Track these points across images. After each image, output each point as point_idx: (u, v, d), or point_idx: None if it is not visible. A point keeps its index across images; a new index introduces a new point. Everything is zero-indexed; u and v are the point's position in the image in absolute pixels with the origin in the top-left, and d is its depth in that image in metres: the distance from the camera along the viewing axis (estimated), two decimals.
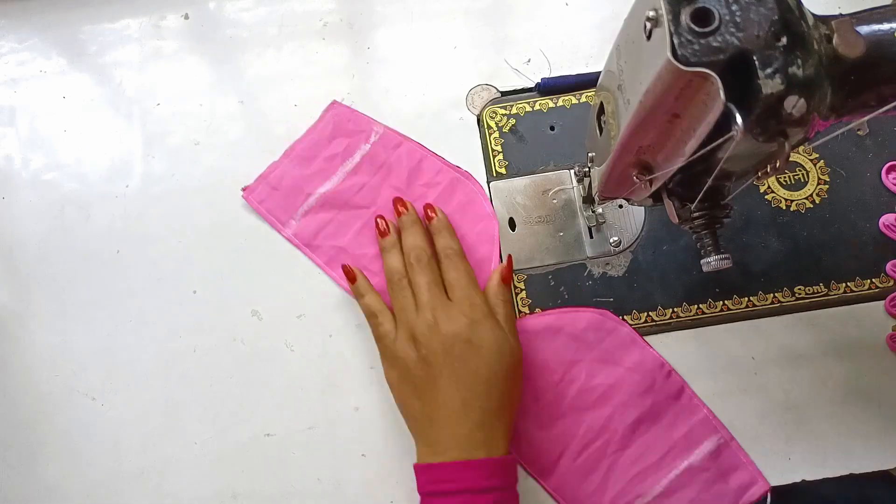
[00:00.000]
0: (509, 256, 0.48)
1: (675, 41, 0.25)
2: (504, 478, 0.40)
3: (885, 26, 0.28)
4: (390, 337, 0.44)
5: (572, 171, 0.50)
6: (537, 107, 0.52)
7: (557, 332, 0.47)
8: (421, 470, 0.40)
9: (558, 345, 0.46)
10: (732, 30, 0.25)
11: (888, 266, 0.47)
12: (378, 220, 0.48)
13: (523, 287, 0.49)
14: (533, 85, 0.53)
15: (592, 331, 0.47)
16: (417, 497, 0.40)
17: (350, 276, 0.47)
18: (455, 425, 0.40)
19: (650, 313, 0.48)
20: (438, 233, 0.47)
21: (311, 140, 0.52)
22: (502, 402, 0.41)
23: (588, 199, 0.49)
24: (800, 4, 0.27)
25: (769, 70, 0.25)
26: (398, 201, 0.48)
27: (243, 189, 0.51)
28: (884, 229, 0.48)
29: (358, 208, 0.50)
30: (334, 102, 0.52)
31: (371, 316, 0.46)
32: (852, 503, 0.49)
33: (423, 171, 0.50)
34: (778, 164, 0.28)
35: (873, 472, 0.44)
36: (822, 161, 0.50)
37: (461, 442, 0.40)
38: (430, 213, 0.47)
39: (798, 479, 0.44)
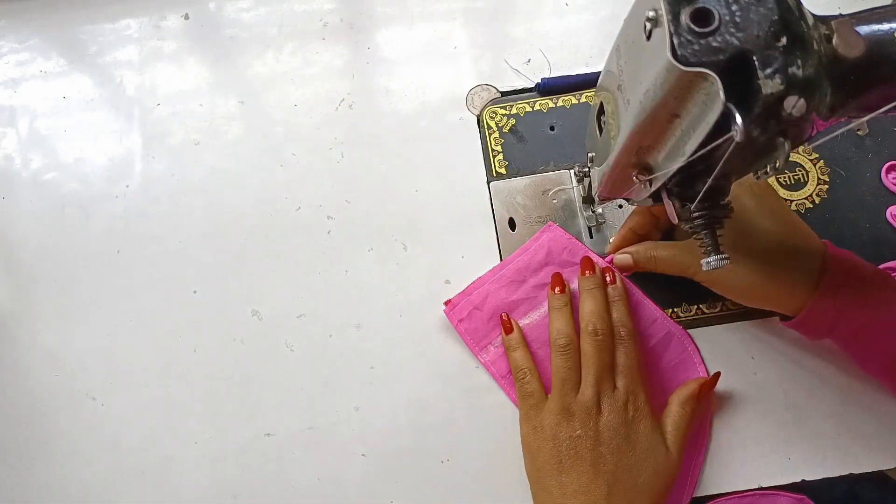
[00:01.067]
0: (716, 375, 0.45)
1: (675, 41, 0.25)
2: None
3: (885, 26, 0.28)
4: (537, 398, 0.43)
5: (572, 171, 0.50)
6: (537, 107, 0.52)
7: None
8: None
9: None
10: (732, 30, 0.25)
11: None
12: (556, 274, 0.46)
13: None
14: (533, 85, 0.53)
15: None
16: (417, 497, 0.40)
17: (507, 327, 0.46)
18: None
19: None
20: (614, 303, 0.44)
21: (522, 262, 0.48)
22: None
23: (588, 199, 0.49)
24: (800, 4, 0.27)
25: (769, 70, 0.25)
26: (587, 262, 0.46)
27: (445, 303, 0.48)
28: (891, 219, 0.48)
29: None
30: (550, 225, 0.49)
31: (519, 371, 0.44)
32: (839, 501, 0.49)
33: (638, 318, 0.47)
34: (778, 164, 0.28)
35: (868, 473, 0.44)
36: (822, 161, 0.50)
37: None
38: (609, 278, 0.45)
39: (798, 479, 0.44)
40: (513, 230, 0.50)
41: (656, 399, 0.44)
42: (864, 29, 0.28)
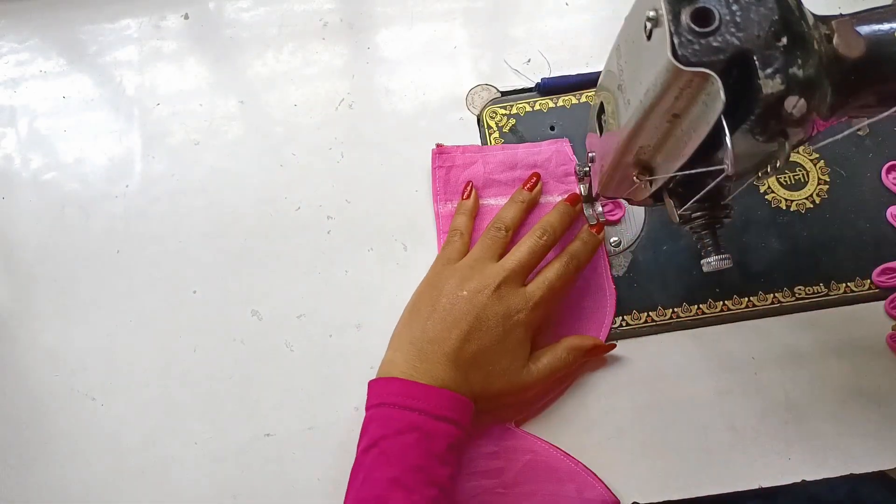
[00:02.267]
0: (612, 345, 0.46)
1: (676, 41, 0.25)
2: (461, 415, 0.39)
3: (885, 26, 0.28)
4: (454, 259, 0.45)
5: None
6: (537, 107, 0.52)
7: None
8: (383, 383, 0.40)
9: None
10: (732, 30, 0.25)
11: (874, 273, 0.47)
12: (535, 174, 0.48)
13: None
14: (533, 85, 0.53)
15: None
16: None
17: (466, 194, 0.49)
18: (440, 358, 0.40)
19: (650, 313, 0.48)
20: (580, 240, 0.46)
21: (521, 155, 0.50)
22: (491, 358, 0.41)
23: (588, 199, 0.49)
24: (800, 4, 0.27)
25: (769, 70, 0.25)
26: (574, 196, 0.47)
27: (437, 145, 0.50)
28: (891, 219, 0.48)
29: None
30: (566, 140, 0.50)
31: (454, 233, 0.47)
32: (842, 502, 0.49)
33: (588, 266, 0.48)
34: (778, 164, 0.28)
35: (869, 473, 0.44)
36: (822, 161, 0.50)
37: (437, 372, 0.40)
38: (595, 229, 0.46)
39: (798, 480, 0.44)
40: None
41: (552, 332, 0.46)
42: (864, 29, 0.28)
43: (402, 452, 0.37)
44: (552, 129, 0.52)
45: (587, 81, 0.52)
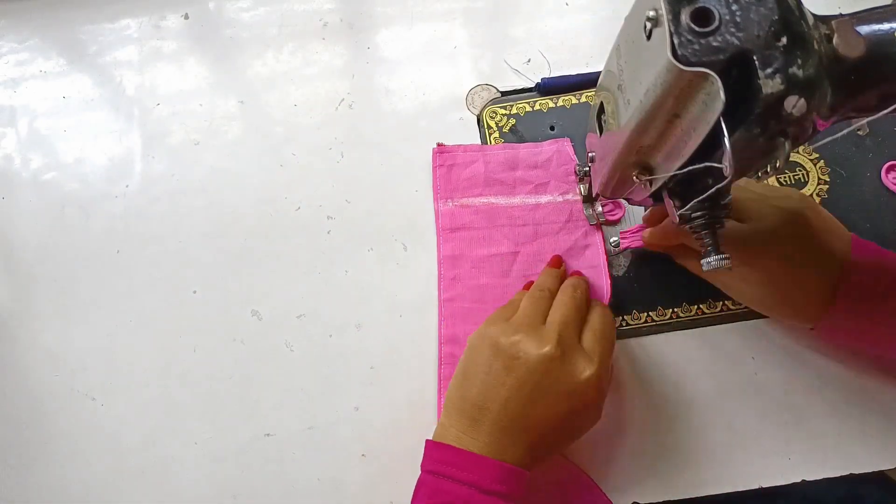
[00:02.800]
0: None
1: (676, 41, 0.25)
2: (513, 486, 0.38)
3: (885, 26, 0.28)
4: (505, 316, 0.41)
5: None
6: (537, 107, 0.52)
7: None
8: (434, 447, 0.39)
9: None
10: (732, 30, 0.25)
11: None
12: (556, 258, 0.47)
13: None
14: (533, 85, 0.53)
15: None
16: None
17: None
18: (498, 425, 0.38)
19: (650, 313, 0.48)
20: (597, 301, 0.44)
21: (523, 155, 0.50)
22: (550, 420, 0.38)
23: (588, 199, 0.49)
24: (800, 4, 0.27)
25: (769, 70, 0.25)
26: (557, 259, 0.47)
27: (438, 144, 0.51)
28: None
29: (507, 241, 0.49)
30: (567, 140, 0.51)
31: (542, 290, 0.43)
32: (841, 502, 0.49)
33: (572, 257, 0.48)
34: (778, 164, 0.28)
35: (868, 474, 0.44)
36: (822, 161, 0.50)
37: (492, 440, 0.38)
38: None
39: (798, 480, 0.44)
40: None
41: None
42: (864, 29, 0.28)
43: None
44: (552, 129, 0.52)
45: (587, 81, 0.52)
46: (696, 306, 0.48)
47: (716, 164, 0.27)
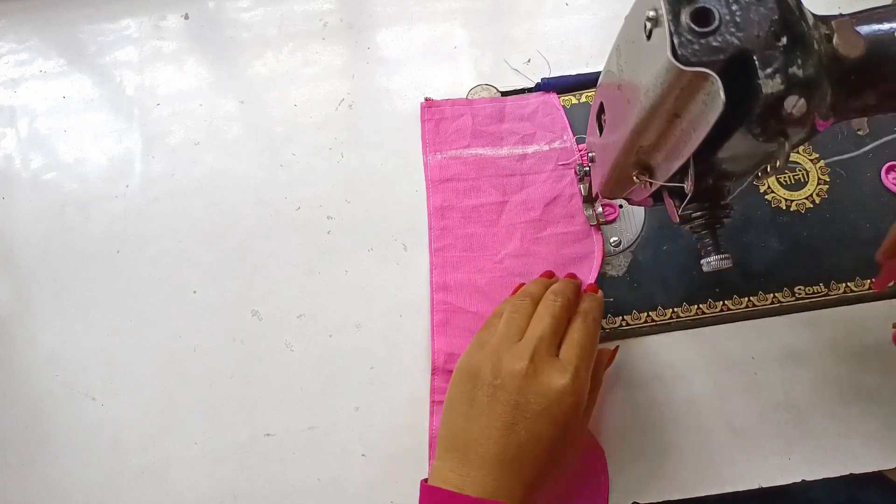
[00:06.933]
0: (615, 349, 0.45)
1: (675, 41, 0.25)
2: None
3: (885, 26, 0.28)
4: (482, 343, 0.40)
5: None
6: None
7: None
8: (427, 491, 0.38)
9: None
10: (732, 30, 0.25)
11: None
12: (548, 272, 0.47)
13: None
14: (533, 85, 0.53)
15: None
16: (417, 497, 0.40)
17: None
18: (486, 457, 0.37)
19: (650, 313, 0.48)
20: (589, 296, 0.43)
21: (509, 107, 0.52)
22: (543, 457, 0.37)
23: (588, 199, 0.49)
24: (800, 4, 0.27)
25: (769, 70, 0.25)
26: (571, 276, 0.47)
27: (426, 98, 0.52)
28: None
29: (495, 191, 0.50)
30: (554, 94, 0.52)
31: (525, 295, 0.42)
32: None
33: (558, 205, 0.49)
34: (778, 164, 0.28)
35: (868, 475, 0.44)
36: (822, 161, 0.50)
37: (481, 474, 0.37)
38: (592, 286, 0.45)
39: (798, 480, 0.44)
40: None
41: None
42: (864, 29, 0.28)
43: None
44: None
45: (587, 81, 0.52)
46: (696, 306, 0.48)
47: (677, 184, 0.27)
